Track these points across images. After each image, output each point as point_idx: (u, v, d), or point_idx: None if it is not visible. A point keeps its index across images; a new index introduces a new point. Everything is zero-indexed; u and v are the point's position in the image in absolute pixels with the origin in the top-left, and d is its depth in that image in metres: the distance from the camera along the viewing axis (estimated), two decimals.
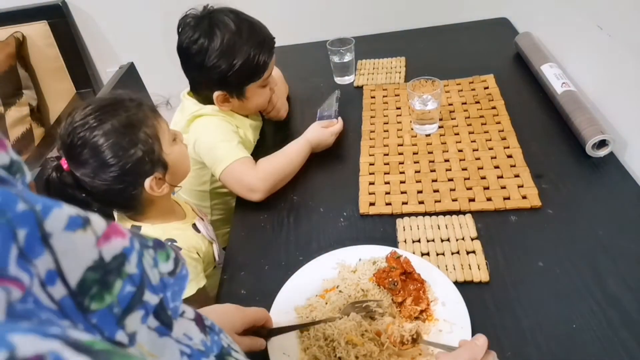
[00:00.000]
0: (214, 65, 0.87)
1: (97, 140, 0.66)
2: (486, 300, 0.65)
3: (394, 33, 1.43)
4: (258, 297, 0.71)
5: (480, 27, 1.37)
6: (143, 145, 0.69)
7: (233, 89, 0.91)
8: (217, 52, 0.86)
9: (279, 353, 0.61)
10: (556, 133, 0.92)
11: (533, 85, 1.07)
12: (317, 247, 0.77)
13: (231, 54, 0.87)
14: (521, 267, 0.69)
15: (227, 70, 0.87)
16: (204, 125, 0.93)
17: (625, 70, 0.85)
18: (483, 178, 0.85)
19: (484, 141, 0.93)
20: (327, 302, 0.66)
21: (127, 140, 0.67)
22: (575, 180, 0.82)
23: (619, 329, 0.59)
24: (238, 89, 0.92)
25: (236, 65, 0.87)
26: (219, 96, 0.91)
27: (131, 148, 0.68)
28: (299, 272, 0.71)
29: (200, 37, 0.86)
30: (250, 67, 0.89)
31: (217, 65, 0.87)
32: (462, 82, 1.11)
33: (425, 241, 0.75)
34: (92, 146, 0.66)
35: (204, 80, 0.91)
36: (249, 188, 0.87)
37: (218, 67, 0.87)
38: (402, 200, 0.83)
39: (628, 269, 0.66)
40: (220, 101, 0.93)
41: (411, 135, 0.98)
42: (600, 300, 0.63)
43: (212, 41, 0.86)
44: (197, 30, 0.87)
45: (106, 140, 0.66)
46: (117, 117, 0.68)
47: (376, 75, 1.22)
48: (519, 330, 0.61)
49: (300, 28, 1.53)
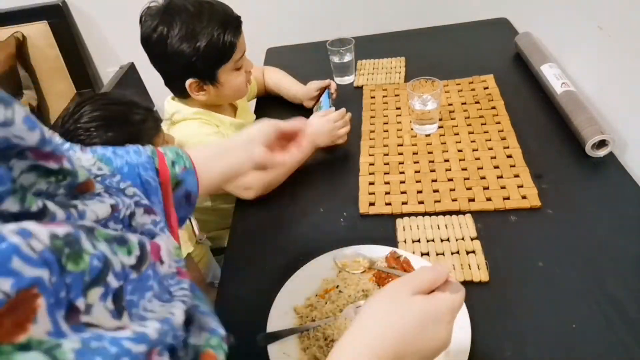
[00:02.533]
0: (177, 51, 0.84)
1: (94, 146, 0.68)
2: (486, 300, 0.65)
3: (394, 33, 1.43)
4: (258, 298, 0.71)
5: (480, 27, 1.37)
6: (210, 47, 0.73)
7: (204, 76, 0.89)
8: (178, 37, 0.83)
9: (279, 353, 0.61)
10: (556, 133, 0.92)
11: (533, 85, 1.07)
12: (317, 247, 0.77)
13: (193, 37, 0.84)
14: (521, 267, 0.69)
15: (191, 55, 0.84)
16: (183, 132, 0.91)
17: (625, 70, 0.85)
18: (483, 178, 0.85)
19: (484, 141, 0.93)
20: (327, 302, 0.66)
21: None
22: (575, 180, 0.82)
23: (619, 329, 0.59)
24: (209, 74, 0.89)
25: (200, 48, 0.84)
26: (191, 84, 0.89)
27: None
28: (299, 272, 0.71)
29: (159, 24, 0.84)
30: (217, 49, 0.86)
31: (180, 51, 0.84)
32: (461, 82, 1.11)
33: (425, 241, 0.75)
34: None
35: (172, 70, 0.89)
36: (244, 187, 0.86)
37: (181, 53, 0.84)
38: (402, 200, 0.83)
39: (628, 269, 0.66)
40: (195, 90, 0.90)
41: (411, 135, 0.99)
42: (600, 300, 0.63)
43: (172, 27, 0.83)
44: (155, 18, 0.85)
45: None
46: (119, 130, 0.70)
47: (376, 75, 1.22)
48: (518, 330, 0.61)
49: (300, 28, 1.53)
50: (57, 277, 0.24)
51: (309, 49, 1.43)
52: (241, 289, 0.74)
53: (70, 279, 0.25)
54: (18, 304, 0.20)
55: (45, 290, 0.23)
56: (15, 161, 0.28)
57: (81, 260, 0.26)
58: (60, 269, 0.24)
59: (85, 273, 0.26)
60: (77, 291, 0.26)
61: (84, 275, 0.26)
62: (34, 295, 0.22)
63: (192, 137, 0.92)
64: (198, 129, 0.92)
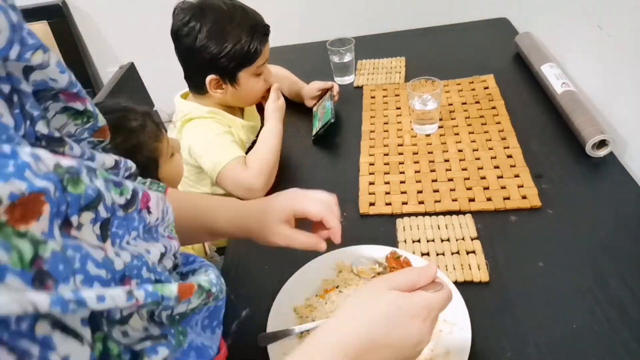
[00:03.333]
0: (204, 47, 0.87)
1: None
2: (486, 300, 0.65)
3: (394, 33, 1.43)
4: (258, 297, 0.71)
5: (480, 27, 1.37)
6: (140, 170, 0.69)
7: (225, 74, 0.91)
8: (207, 33, 0.86)
9: (279, 353, 0.61)
10: (556, 133, 0.92)
11: (533, 85, 1.07)
12: None
13: (222, 36, 0.87)
14: (521, 267, 0.69)
15: (217, 53, 0.88)
16: (195, 130, 0.93)
17: (625, 70, 0.85)
18: (483, 178, 0.85)
19: (484, 141, 0.93)
20: (326, 302, 0.66)
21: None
22: (575, 180, 0.82)
23: (619, 329, 0.59)
24: (231, 74, 0.92)
25: (227, 48, 0.87)
26: (211, 80, 0.91)
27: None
28: (299, 272, 0.71)
29: (191, 19, 0.87)
30: (242, 52, 0.89)
31: (207, 47, 0.87)
32: (462, 82, 1.11)
33: (425, 241, 0.75)
34: None
35: (196, 64, 0.91)
36: (247, 188, 0.87)
37: (208, 49, 0.87)
38: (402, 200, 0.83)
39: (628, 269, 0.66)
40: (214, 87, 0.93)
41: (411, 135, 0.98)
42: (601, 301, 0.62)
43: (203, 23, 0.86)
44: (188, 12, 0.88)
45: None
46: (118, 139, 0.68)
47: (376, 75, 1.22)
48: (519, 330, 0.61)
49: (300, 28, 1.53)
50: (60, 194, 0.28)
51: (309, 49, 1.43)
52: (241, 289, 0.74)
53: (70, 198, 0.29)
54: (29, 201, 0.25)
55: (51, 200, 0.27)
56: (51, 103, 0.35)
57: (78, 186, 0.30)
58: (62, 188, 0.28)
59: (82, 197, 0.30)
60: (74, 209, 0.30)
61: (80, 198, 0.30)
62: (42, 201, 0.26)
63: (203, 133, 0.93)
64: (209, 125, 0.94)
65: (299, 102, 1.15)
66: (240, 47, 0.88)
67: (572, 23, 1.04)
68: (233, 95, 0.95)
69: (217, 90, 0.94)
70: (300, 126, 1.08)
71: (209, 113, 0.95)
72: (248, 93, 0.96)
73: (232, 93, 0.95)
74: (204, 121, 0.94)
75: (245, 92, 0.96)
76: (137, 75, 1.28)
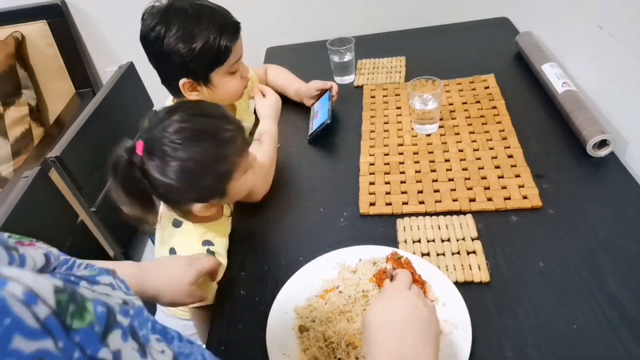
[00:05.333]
0: (173, 50, 0.85)
1: (178, 158, 0.67)
2: (486, 300, 0.65)
3: (394, 33, 1.43)
4: (258, 298, 0.71)
5: (481, 27, 1.37)
6: (213, 180, 0.71)
7: (198, 76, 0.90)
8: (174, 37, 0.85)
9: (278, 353, 0.61)
10: (557, 133, 0.92)
11: (534, 84, 1.07)
12: (317, 247, 0.77)
13: (189, 38, 0.85)
14: (522, 267, 0.69)
15: (186, 55, 0.86)
16: None
17: (626, 70, 0.85)
18: (484, 178, 0.85)
19: (485, 141, 0.93)
20: (327, 302, 0.66)
21: (202, 171, 0.69)
22: (576, 180, 0.82)
23: (619, 329, 0.59)
24: (203, 76, 0.90)
25: (196, 49, 0.85)
26: (185, 84, 0.90)
27: (202, 177, 0.69)
28: (299, 272, 0.71)
29: (157, 24, 0.85)
30: (212, 52, 0.87)
31: (175, 50, 0.85)
32: (462, 82, 1.11)
33: (426, 241, 0.75)
34: (171, 159, 0.67)
35: (168, 69, 0.90)
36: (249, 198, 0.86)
37: (177, 52, 0.85)
38: (403, 201, 0.83)
39: (628, 269, 0.66)
40: (188, 90, 0.91)
41: (411, 135, 0.98)
42: (601, 301, 0.62)
43: (170, 26, 0.85)
44: (155, 17, 0.86)
45: (183, 163, 0.67)
46: (207, 146, 0.69)
47: (376, 75, 1.22)
48: (519, 330, 0.61)
49: (301, 28, 1.53)
50: (64, 341, 0.24)
51: (309, 48, 1.42)
52: (241, 289, 0.74)
53: (79, 337, 0.25)
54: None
55: (54, 357, 0.23)
56: None
57: (86, 312, 0.26)
58: (65, 332, 0.25)
59: (94, 324, 0.26)
60: (94, 344, 0.26)
61: (92, 327, 0.26)
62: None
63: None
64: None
65: (298, 101, 1.15)
66: (209, 47, 0.86)
67: (573, 23, 1.04)
68: (210, 96, 0.93)
69: (193, 92, 0.92)
70: (299, 126, 1.08)
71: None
72: (224, 92, 0.94)
73: (209, 94, 0.93)
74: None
75: (221, 92, 0.93)
76: (136, 75, 1.28)
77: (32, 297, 0.23)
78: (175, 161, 0.67)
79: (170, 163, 0.67)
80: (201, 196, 0.72)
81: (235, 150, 0.71)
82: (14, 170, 1.54)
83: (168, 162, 0.67)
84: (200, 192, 0.71)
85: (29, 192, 0.84)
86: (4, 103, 1.54)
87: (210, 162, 0.69)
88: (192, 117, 0.70)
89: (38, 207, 0.86)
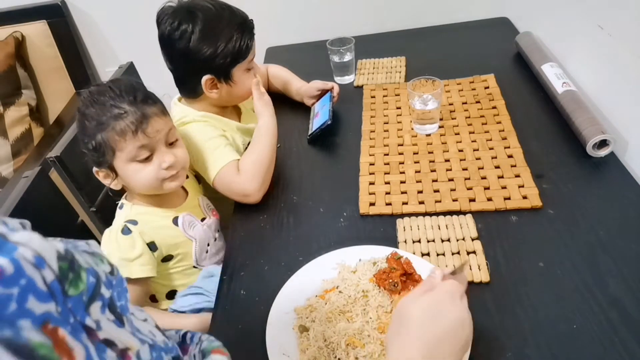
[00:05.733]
0: (199, 48, 0.88)
1: (84, 115, 0.75)
2: (486, 300, 0.65)
3: (394, 33, 1.43)
4: (258, 298, 0.71)
5: (481, 27, 1.37)
6: (94, 146, 0.75)
7: (220, 73, 0.92)
8: (201, 34, 0.87)
9: (278, 353, 0.61)
10: (557, 133, 0.92)
11: (534, 85, 1.07)
12: (317, 247, 0.77)
13: (215, 35, 0.88)
14: (522, 267, 0.69)
15: (212, 53, 0.88)
16: (189, 134, 0.92)
17: (626, 70, 0.85)
18: (483, 178, 0.85)
19: (485, 141, 0.93)
20: (327, 302, 0.66)
21: (86, 133, 0.75)
22: (575, 180, 0.82)
23: (619, 329, 0.59)
24: (225, 72, 0.92)
25: (220, 47, 0.88)
26: (207, 81, 0.92)
27: (86, 139, 0.76)
28: (299, 272, 0.71)
29: (182, 22, 0.87)
30: (234, 49, 0.90)
31: (201, 48, 0.88)
32: (462, 82, 1.11)
33: (426, 241, 0.75)
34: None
35: (191, 67, 0.91)
36: (242, 194, 0.87)
37: (203, 50, 0.88)
38: (403, 201, 0.83)
39: (628, 269, 0.66)
40: (209, 87, 0.93)
41: (411, 135, 0.98)
42: (601, 301, 0.62)
43: (195, 24, 0.87)
44: (177, 17, 0.88)
45: (78, 120, 0.76)
46: (95, 110, 0.74)
47: (376, 75, 1.22)
48: (519, 330, 0.61)
49: (301, 28, 1.53)
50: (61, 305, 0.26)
51: (309, 48, 1.43)
52: (241, 289, 0.74)
53: (71, 304, 0.27)
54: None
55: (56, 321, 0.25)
56: None
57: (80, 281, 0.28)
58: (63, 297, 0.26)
59: (83, 293, 0.28)
60: (81, 312, 0.27)
61: (82, 295, 0.28)
62: (51, 329, 0.24)
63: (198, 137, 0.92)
64: (203, 128, 0.93)
65: (299, 100, 1.15)
66: (232, 44, 0.89)
67: (573, 22, 1.04)
68: (228, 93, 0.95)
69: (213, 90, 0.94)
70: (299, 126, 1.08)
71: (202, 117, 0.94)
72: (241, 89, 0.96)
73: (227, 91, 0.95)
74: (197, 125, 0.93)
75: (239, 89, 0.96)
76: (136, 75, 1.28)
77: (41, 261, 0.25)
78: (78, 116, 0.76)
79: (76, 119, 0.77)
80: (94, 159, 0.77)
81: (117, 129, 0.73)
82: (14, 170, 1.54)
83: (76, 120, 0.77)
84: (92, 153, 0.76)
85: (29, 192, 0.84)
86: (4, 103, 1.54)
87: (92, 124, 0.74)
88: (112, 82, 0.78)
89: (38, 207, 0.86)
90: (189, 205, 0.88)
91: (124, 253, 0.77)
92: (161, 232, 0.81)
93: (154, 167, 0.77)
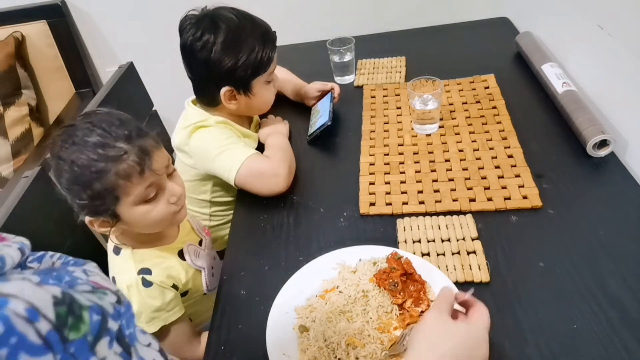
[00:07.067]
0: (220, 59, 0.87)
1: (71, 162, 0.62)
2: (486, 300, 0.64)
3: (394, 33, 1.43)
4: (258, 298, 0.71)
5: (481, 27, 1.37)
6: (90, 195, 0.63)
7: (240, 85, 0.91)
8: (223, 45, 0.86)
9: (278, 353, 0.61)
10: (557, 133, 0.92)
11: (534, 85, 1.07)
12: (317, 247, 0.77)
13: (237, 47, 0.87)
14: (522, 267, 0.69)
15: (233, 64, 0.87)
16: (206, 135, 0.92)
17: (626, 70, 0.85)
18: (484, 178, 0.85)
19: (485, 141, 0.93)
20: (327, 302, 0.66)
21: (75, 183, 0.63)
22: (576, 180, 0.82)
23: (619, 329, 0.59)
24: (245, 84, 0.91)
25: (242, 59, 0.87)
26: (226, 92, 0.91)
27: (76, 189, 0.64)
28: (299, 272, 0.71)
29: (204, 32, 0.86)
30: (256, 61, 0.89)
31: (222, 59, 0.87)
32: (462, 82, 1.11)
33: (426, 241, 0.75)
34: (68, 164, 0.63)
35: (211, 77, 0.91)
36: (273, 174, 0.87)
37: (224, 61, 0.87)
38: (403, 201, 0.83)
39: (628, 269, 0.66)
40: (228, 98, 0.92)
41: (411, 135, 0.98)
42: (601, 300, 0.62)
43: (217, 35, 0.86)
44: (200, 26, 0.87)
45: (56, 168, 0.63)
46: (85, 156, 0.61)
47: (376, 74, 1.22)
48: (519, 330, 0.61)
49: (300, 28, 1.53)
50: (61, 353, 0.25)
51: (309, 48, 1.43)
52: (241, 289, 0.74)
53: (73, 348, 0.26)
54: None
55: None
56: None
57: (82, 323, 0.27)
58: (63, 345, 0.25)
59: (87, 334, 0.27)
60: (86, 353, 0.27)
61: (86, 337, 0.27)
62: None
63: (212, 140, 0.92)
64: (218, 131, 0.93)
65: (299, 101, 1.15)
66: (254, 56, 0.88)
67: (573, 23, 1.04)
68: (247, 105, 0.95)
69: (231, 101, 0.93)
70: (300, 126, 1.08)
71: (218, 123, 0.94)
72: (261, 101, 0.96)
73: (246, 103, 0.94)
74: (214, 129, 0.93)
75: (258, 101, 0.95)
76: (136, 75, 1.28)
77: (34, 314, 0.24)
78: (72, 163, 0.62)
79: (69, 165, 0.62)
80: (90, 210, 0.66)
81: (120, 171, 0.62)
82: (14, 170, 1.54)
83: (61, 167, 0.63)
84: (91, 204, 0.65)
85: (29, 192, 0.84)
86: (4, 103, 1.54)
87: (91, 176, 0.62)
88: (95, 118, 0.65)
89: (38, 207, 0.86)
90: (185, 233, 0.82)
91: (157, 303, 0.72)
92: (173, 273, 0.76)
93: (163, 203, 0.69)
